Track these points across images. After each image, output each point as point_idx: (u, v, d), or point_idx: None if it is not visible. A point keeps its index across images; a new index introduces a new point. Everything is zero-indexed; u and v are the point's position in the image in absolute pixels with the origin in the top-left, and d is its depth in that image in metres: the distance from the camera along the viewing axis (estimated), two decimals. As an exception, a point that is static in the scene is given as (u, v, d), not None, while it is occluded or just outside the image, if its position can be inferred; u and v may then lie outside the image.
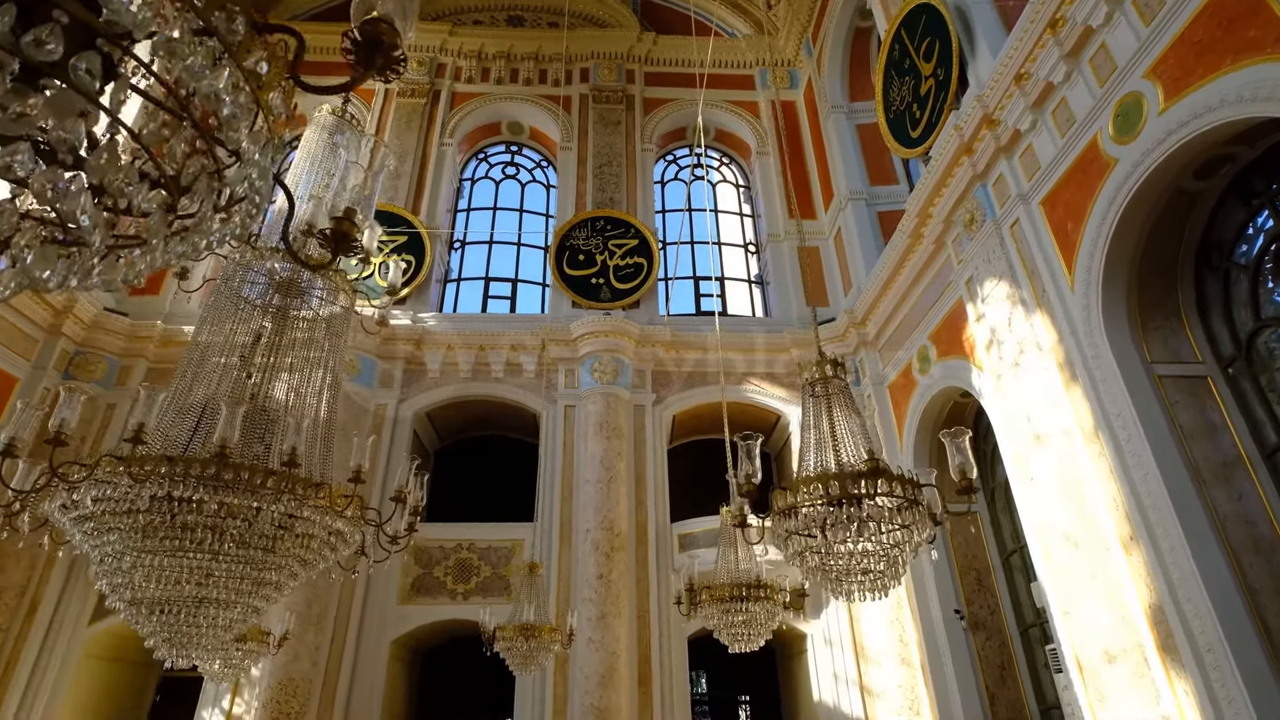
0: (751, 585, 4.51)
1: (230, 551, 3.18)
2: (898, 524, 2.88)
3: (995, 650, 8.48)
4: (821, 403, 3.32)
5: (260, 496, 3.15)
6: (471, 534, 10.02)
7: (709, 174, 15.06)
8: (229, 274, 4.05)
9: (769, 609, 4.55)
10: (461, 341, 11.17)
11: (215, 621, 3.36)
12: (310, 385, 4.22)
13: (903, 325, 9.70)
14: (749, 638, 4.59)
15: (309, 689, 8.55)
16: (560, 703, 8.79)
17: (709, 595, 4.61)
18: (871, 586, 3.02)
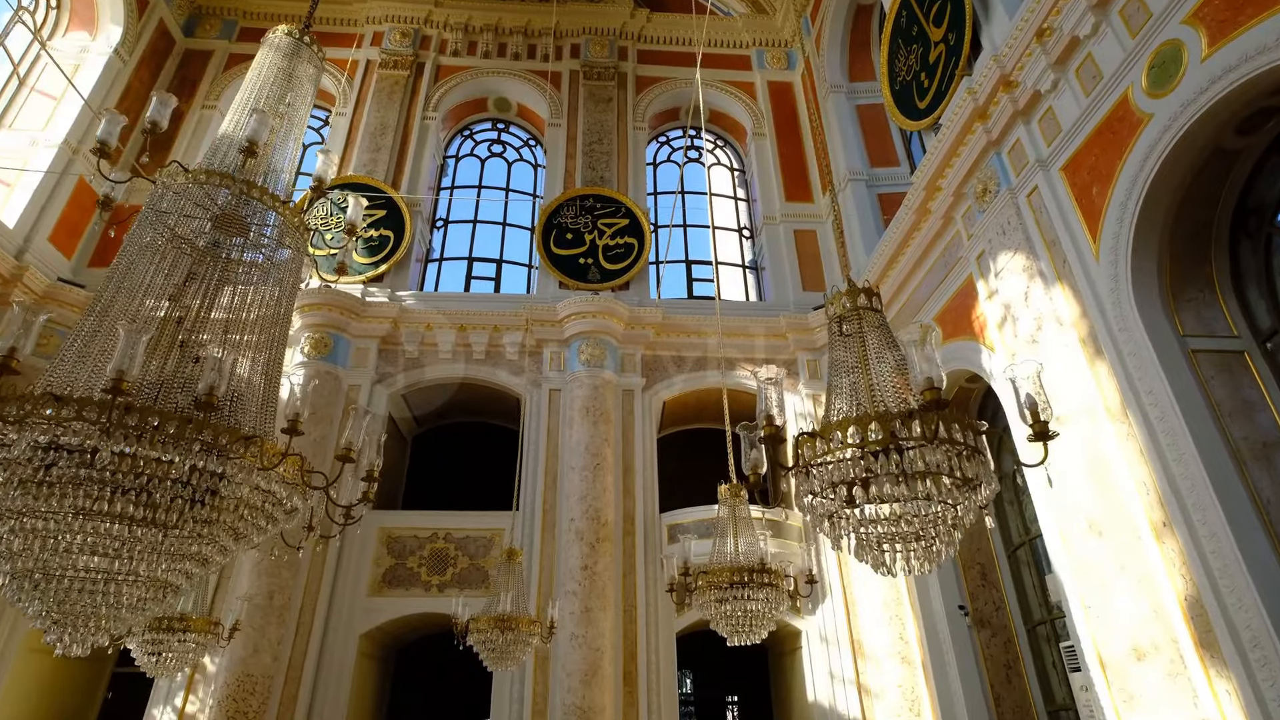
0: (754, 570, 4.01)
1: (134, 515, 2.64)
2: (957, 477, 2.38)
3: (1000, 648, 8.03)
4: (854, 342, 2.81)
5: (175, 448, 2.61)
6: (448, 523, 9.46)
7: (703, 156, 14.57)
8: (155, 200, 3.47)
9: (773, 597, 4.05)
10: (441, 320, 10.60)
11: (119, 600, 2.81)
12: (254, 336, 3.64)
13: (906, 308, 9.25)
14: (750, 629, 4.09)
15: (269, 686, 7.95)
16: (540, 702, 8.25)
17: (706, 582, 4.10)
18: (923, 555, 2.52)
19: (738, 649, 12.50)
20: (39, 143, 10.58)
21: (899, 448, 2.28)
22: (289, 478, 2.98)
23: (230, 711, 7.68)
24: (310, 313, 10.06)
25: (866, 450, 2.29)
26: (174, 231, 3.55)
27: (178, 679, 8.17)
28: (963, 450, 2.35)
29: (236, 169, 3.57)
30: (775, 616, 4.10)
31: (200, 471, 2.67)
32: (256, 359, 3.58)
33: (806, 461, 2.45)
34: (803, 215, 12.39)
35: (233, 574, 8.70)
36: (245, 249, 3.85)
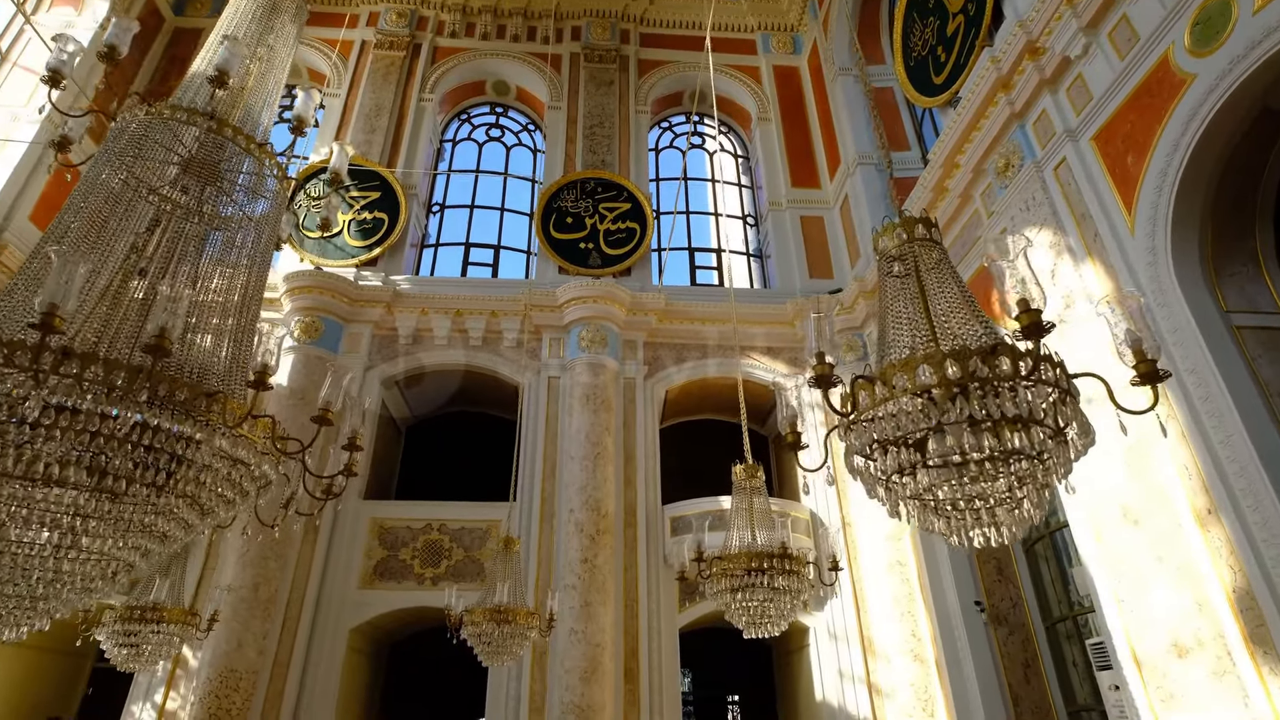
0: (775, 556, 3.67)
1: (76, 480, 2.29)
2: (1049, 427, 2.05)
3: (1018, 646, 7.70)
4: (910, 282, 2.45)
5: (123, 402, 2.26)
6: (443, 513, 9.10)
7: (706, 142, 14.23)
8: (114, 139, 3.11)
9: (794, 586, 3.70)
10: (437, 305, 10.24)
11: (62, 579, 2.46)
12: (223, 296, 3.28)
13: (919, 292, 8.90)
14: (769, 620, 3.74)
15: (254, 681, 7.59)
16: (538, 700, 7.90)
17: (720, 569, 3.76)
18: (1007, 519, 2.17)
19: (739, 647, 12.15)
20: (20, 118, 10.19)
21: (986, 387, 1.94)
22: (255, 440, 2.63)
23: (212, 708, 7.32)
24: (300, 295, 9.70)
25: (937, 394, 1.96)
26: (135, 175, 3.19)
27: (158, 674, 7.81)
28: (1062, 392, 2.01)
29: (205, 105, 3.22)
30: (797, 606, 3.76)
31: (151, 430, 2.32)
32: (225, 321, 3.22)
33: (860, 413, 2.11)
34: (809, 201, 12.05)
35: (217, 565, 8.35)
36: (217, 199, 3.50)
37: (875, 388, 2.11)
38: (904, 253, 2.51)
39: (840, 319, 10.24)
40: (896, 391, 2.04)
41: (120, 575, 2.65)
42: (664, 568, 8.90)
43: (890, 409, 2.05)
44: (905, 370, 2.04)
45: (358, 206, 11.00)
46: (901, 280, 2.44)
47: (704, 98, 14.08)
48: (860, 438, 2.14)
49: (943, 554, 8.14)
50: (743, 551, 3.71)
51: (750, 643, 11.94)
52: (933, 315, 2.35)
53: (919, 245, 2.52)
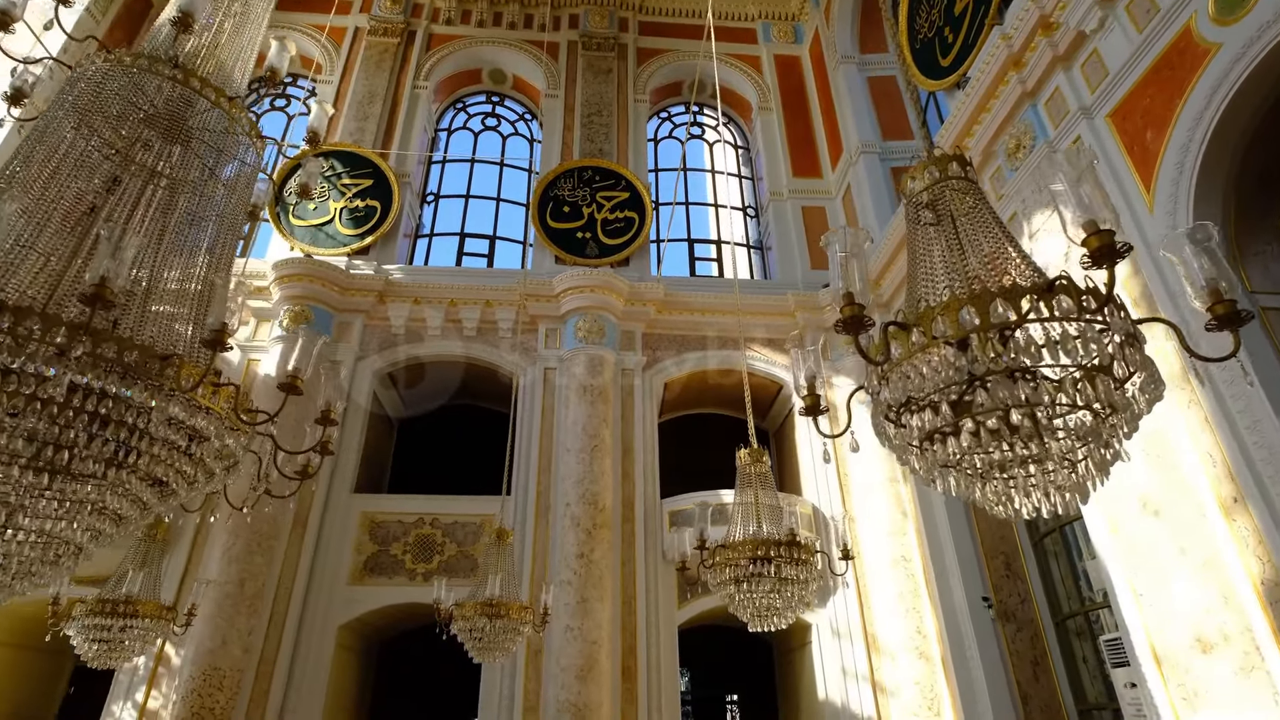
0: (782, 544, 3.44)
1: (14, 450, 2.05)
2: (1115, 375, 1.83)
3: (1027, 643, 7.49)
4: (944, 228, 2.23)
5: (61, 362, 2.02)
6: (435, 507, 8.86)
7: (706, 133, 14.01)
8: (69, 89, 2.87)
9: (804, 576, 3.47)
10: (430, 295, 10.00)
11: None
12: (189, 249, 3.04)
13: (924, 281, 8.68)
14: (775, 612, 3.51)
15: (239, 680, 7.35)
16: (532, 699, 7.66)
17: (723, 559, 3.53)
18: (1069, 486, 1.94)
19: (739, 645, 11.93)
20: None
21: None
22: (217, 410, 2.39)
23: (195, 707, 7.07)
24: (289, 284, 9.46)
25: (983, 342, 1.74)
26: (90, 127, 2.95)
27: (140, 672, 7.57)
28: (1128, 335, 1.80)
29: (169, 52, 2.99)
30: (806, 598, 3.53)
31: (96, 395, 2.09)
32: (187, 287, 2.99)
33: (893, 364, 1.89)
34: (811, 191, 11.84)
35: (201, 560, 8.10)
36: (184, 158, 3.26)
37: (911, 335, 1.86)
38: (937, 196, 2.27)
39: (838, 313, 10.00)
40: (937, 340, 1.81)
41: (67, 560, 2.41)
42: (663, 563, 8.67)
43: (930, 359, 1.82)
44: (947, 313, 1.81)
45: (349, 194, 10.76)
46: (935, 229, 2.20)
47: (703, 87, 13.87)
48: (894, 393, 1.91)
49: (949, 549, 7.93)
50: (748, 540, 3.48)
51: (750, 641, 11.73)
52: (968, 254, 2.10)
53: (953, 188, 2.28)
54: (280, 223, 10.48)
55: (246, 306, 9.64)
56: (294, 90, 13.46)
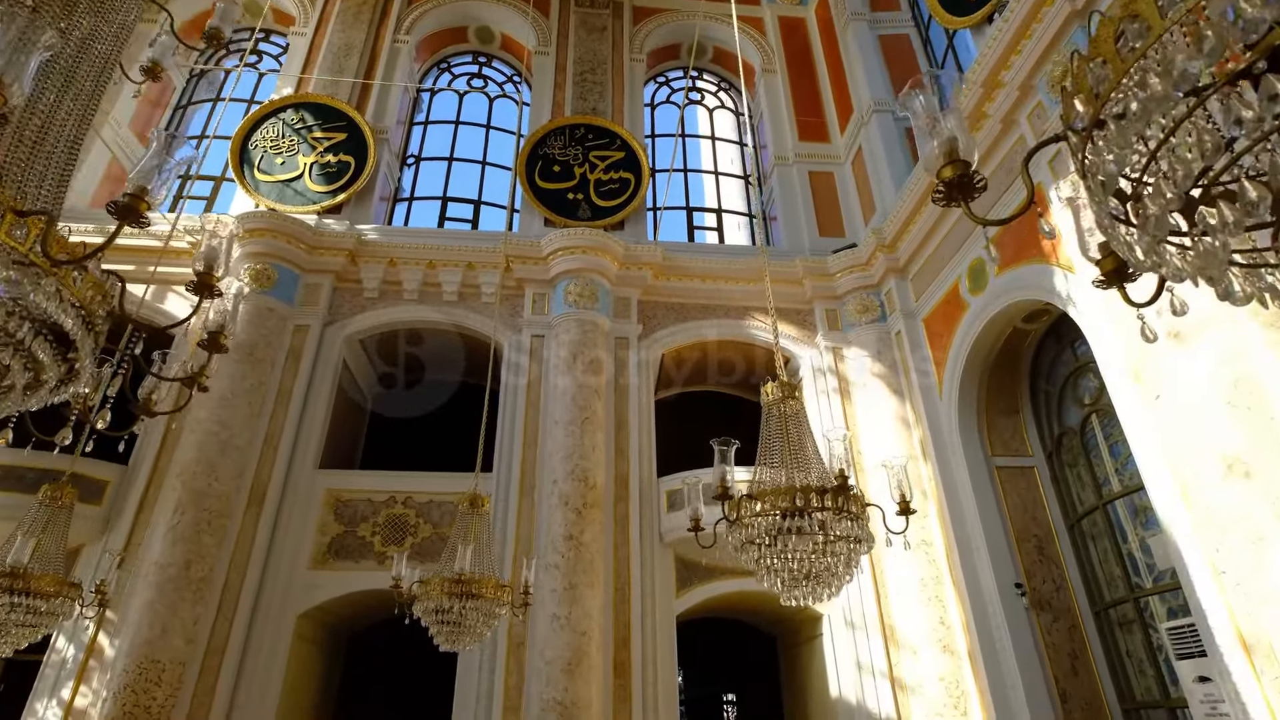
0: (828, 491, 2.66)
1: None
2: None
3: (1064, 635, 6.75)
4: None
5: None
6: (409, 485, 8.03)
7: (705, 98, 13.24)
8: None
9: (857, 532, 2.69)
10: (407, 256, 9.17)
11: None
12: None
13: (948, 240, 7.95)
14: (818, 580, 2.73)
15: (181, 674, 6.49)
16: (513, 696, 6.85)
17: (749, 512, 2.75)
18: None
19: (737, 640, 11.13)
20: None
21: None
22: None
23: (128, 705, 6.21)
24: (250, 240, 8.60)
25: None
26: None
27: (68, 665, 6.70)
28: None
29: None
30: (856, 561, 2.75)
31: None
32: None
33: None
34: (818, 156, 11.08)
35: (143, 539, 7.24)
36: None
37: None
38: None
39: (854, 277, 9.28)
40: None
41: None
42: (660, 546, 7.89)
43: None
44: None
45: (321, 148, 9.91)
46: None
47: (703, 51, 13.12)
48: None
49: (975, 531, 7.19)
50: (787, 486, 2.70)
51: (750, 635, 10.95)
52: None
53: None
54: (244, 178, 9.62)
55: (204, 265, 8.78)
56: (266, 46, 12.59)
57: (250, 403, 7.83)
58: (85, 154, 9.98)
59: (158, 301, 8.79)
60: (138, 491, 7.53)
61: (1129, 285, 1.60)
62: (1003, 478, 7.42)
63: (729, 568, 7.91)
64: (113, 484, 7.60)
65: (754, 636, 10.86)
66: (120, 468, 7.73)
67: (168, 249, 8.87)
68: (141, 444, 7.87)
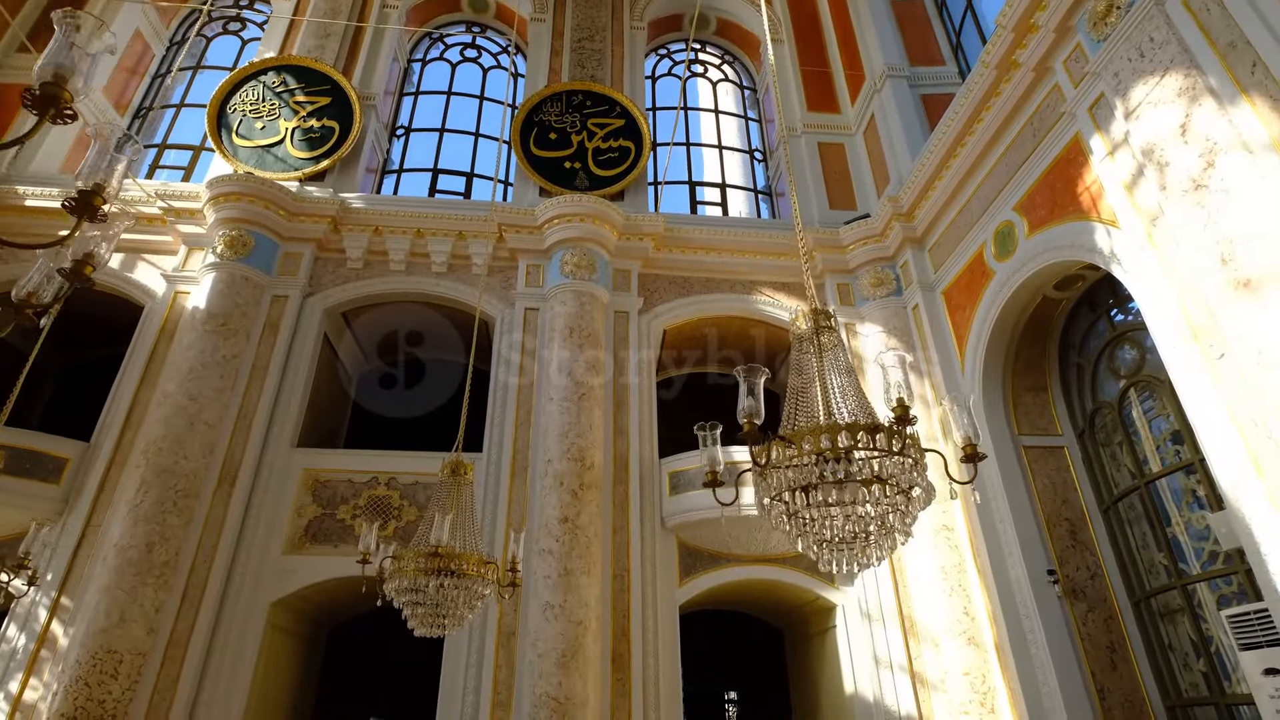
0: (882, 429, 2.13)
1: None
2: None
3: (1100, 626, 6.23)
4: None
5: None
6: (393, 465, 7.49)
7: (709, 71, 12.71)
8: None
9: (912, 475, 2.16)
10: (394, 224, 8.63)
11: None
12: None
13: (972, 204, 7.43)
14: (869, 541, 2.20)
15: (140, 666, 5.96)
16: (503, 691, 6.32)
17: (783, 456, 2.21)
18: None
19: (738, 635, 10.58)
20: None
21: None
22: None
23: (80, 700, 5.68)
24: (226, 204, 8.06)
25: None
26: None
27: (18, 656, 6.16)
28: None
29: None
30: (915, 517, 2.23)
31: None
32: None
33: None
34: (828, 126, 10.56)
35: (104, 520, 6.69)
36: None
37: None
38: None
39: (867, 249, 8.76)
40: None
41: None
42: (661, 531, 7.36)
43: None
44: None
45: (304, 113, 9.36)
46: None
47: (706, 22, 12.61)
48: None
49: (1003, 515, 6.66)
50: (829, 424, 2.17)
51: (755, 629, 10.41)
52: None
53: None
54: (222, 143, 9.07)
55: (177, 231, 8.26)
56: (249, 14, 12.04)
57: (223, 376, 7.28)
58: (54, 118, 9.42)
59: (127, 270, 8.25)
60: (99, 469, 6.99)
61: None
62: (1030, 458, 6.89)
63: (736, 554, 7.40)
64: (73, 462, 7.06)
65: (759, 630, 10.33)
66: (82, 444, 7.20)
67: (139, 215, 8.35)
68: (105, 419, 7.34)
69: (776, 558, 7.39)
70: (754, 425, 2.23)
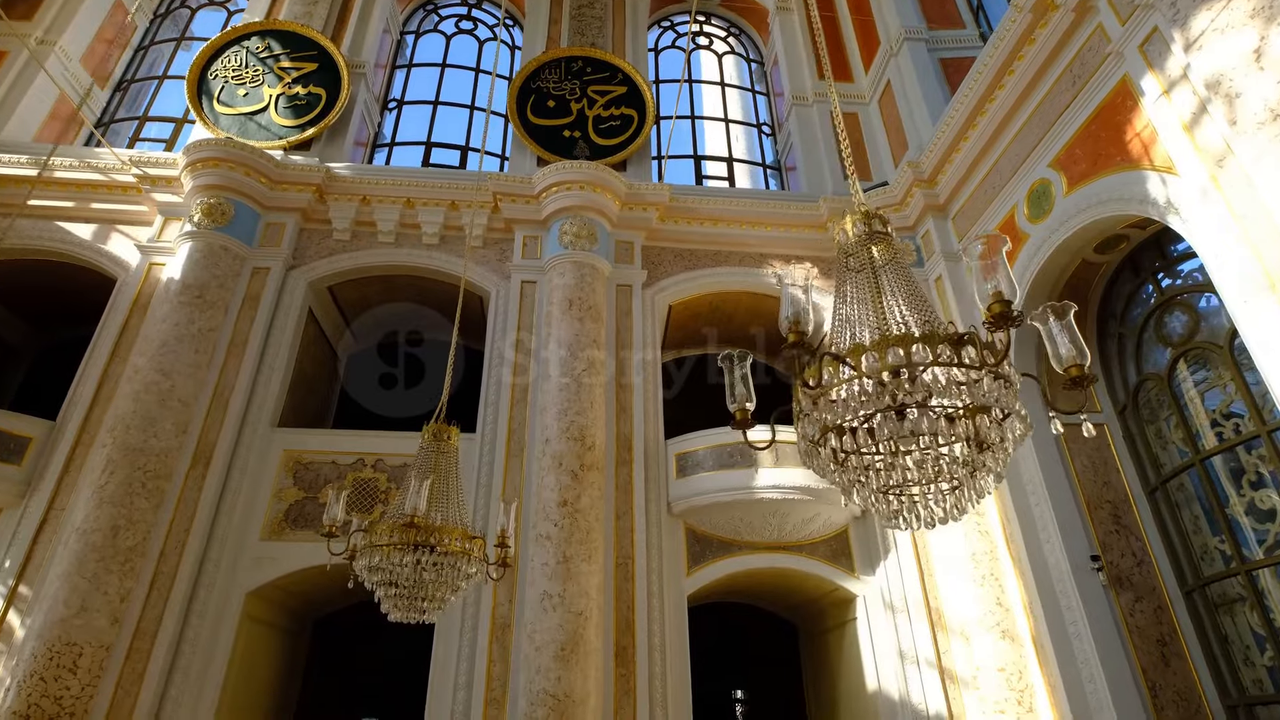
0: (967, 339, 1.63)
1: None
2: None
3: (1149, 618, 5.70)
4: None
5: None
6: (379, 446, 6.99)
7: (714, 43, 12.20)
8: None
9: (1000, 395, 1.66)
10: (383, 193, 8.13)
11: None
12: None
13: (1000, 165, 6.91)
14: (947, 488, 1.70)
15: (102, 660, 5.47)
16: (496, 687, 5.82)
17: (835, 374, 1.69)
18: None
19: (748, 629, 10.04)
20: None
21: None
22: None
23: (35, 696, 5.19)
24: (204, 171, 7.57)
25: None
26: None
27: (-31, 650, 5.67)
28: None
29: None
30: (1011, 452, 1.74)
31: None
32: None
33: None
34: (841, 95, 10.04)
35: (68, 503, 6.21)
36: None
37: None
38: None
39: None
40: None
41: None
42: (668, 517, 6.86)
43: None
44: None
45: (289, 79, 8.87)
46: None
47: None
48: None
49: (1040, 498, 6.14)
50: (900, 335, 1.67)
51: (766, 623, 9.87)
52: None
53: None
54: (202, 111, 8.58)
55: (153, 201, 7.77)
56: (237, -15, 11.55)
57: (198, 350, 6.79)
58: (29, 86, 8.97)
59: (99, 241, 7.76)
60: (65, 449, 6.50)
61: None
62: (1068, 437, 6.36)
63: (748, 541, 6.88)
64: (36, 441, 6.58)
65: (769, 624, 9.80)
66: (47, 423, 6.72)
67: (112, 184, 7.88)
68: (73, 396, 6.85)
69: (792, 545, 6.88)
70: (797, 346, 1.72)
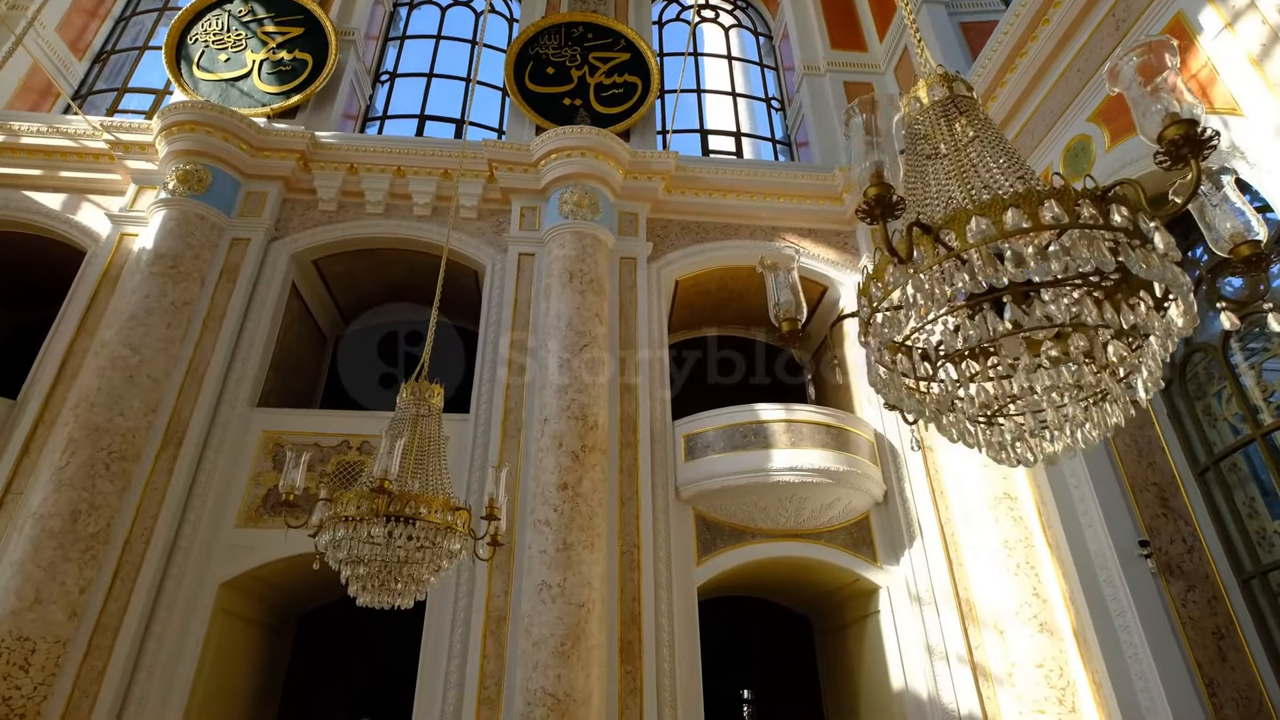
0: (1124, 198, 1.16)
1: None
2: None
3: (1203, 609, 5.21)
4: None
5: None
6: (365, 427, 6.52)
7: (720, 16, 11.73)
8: None
9: (1164, 269, 1.20)
10: (371, 161, 7.66)
11: None
12: None
13: (1033, 124, 6.44)
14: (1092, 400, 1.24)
15: (58, 657, 5.00)
16: (491, 685, 5.34)
17: (929, 251, 1.23)
18: None
19: (758, 624, 9.56)
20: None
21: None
22: None
23: (-18, 695, 4.71)
24: (180, 135, 7.10)
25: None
26: None
27: (-86, 645, 5.18)
28: None
29: None
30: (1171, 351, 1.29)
31: None
32: None
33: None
34: (854, 65, 9.58)
35: (29, 484, 5.73)
36: None
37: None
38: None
39: (906, 190, 7.74)
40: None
41: None
42: (676, 503, 6.38)
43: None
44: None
45: (273, 44, 8.39)
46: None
47: (718, -36, 11.61)
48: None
49: (1080, 480, 5.66)
50: (1018, 194, 1.19)
51: (777, 618, 9.38)
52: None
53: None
54: (181, 77, 8.11)
55: (126, 168, 7.30)
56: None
57: (170, 324, 6.32)
58: None
59: (69, 211, 7.29)
60: (24, 429, 6.03)
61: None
62: (1108, 414, 5.88)
63: (762, 528, 6.40)
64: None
65: (779, 619, 9.32)
66: (7, 402, 6.25)
67: (83, 151, 7.41)
68: (35, 374, 6.38)
69: (809, 532, 6.40)
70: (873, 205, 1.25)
